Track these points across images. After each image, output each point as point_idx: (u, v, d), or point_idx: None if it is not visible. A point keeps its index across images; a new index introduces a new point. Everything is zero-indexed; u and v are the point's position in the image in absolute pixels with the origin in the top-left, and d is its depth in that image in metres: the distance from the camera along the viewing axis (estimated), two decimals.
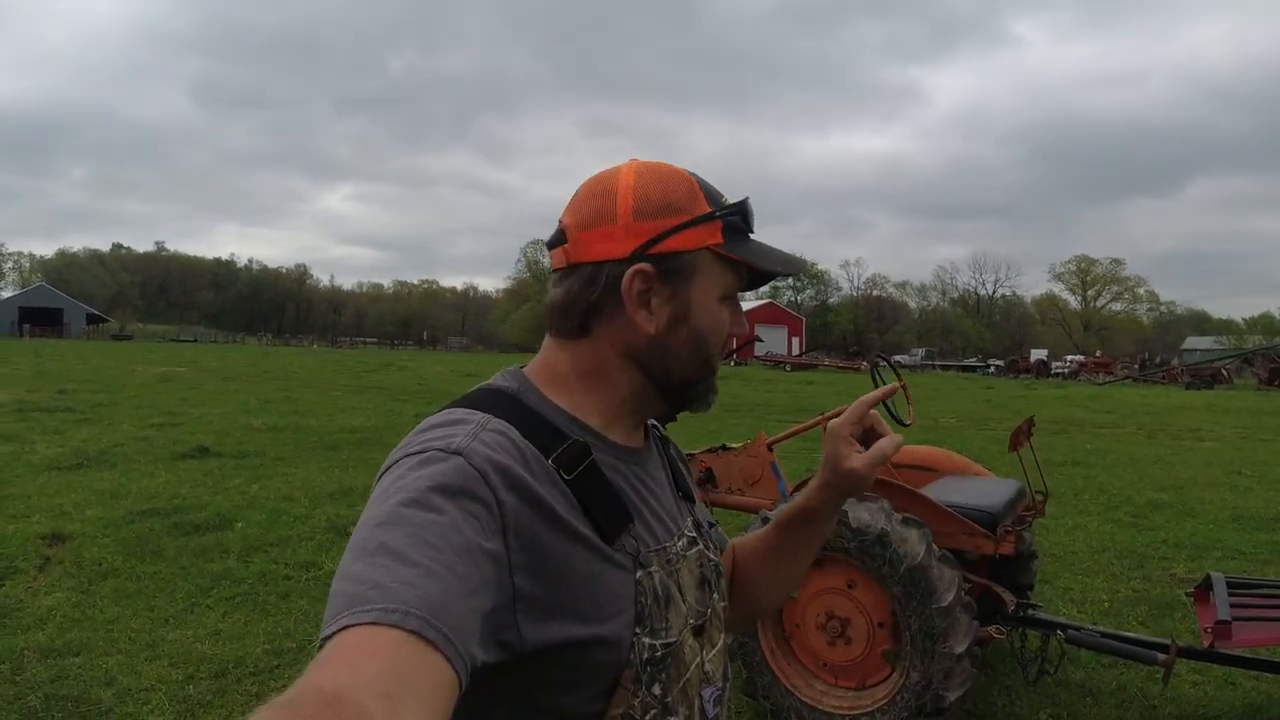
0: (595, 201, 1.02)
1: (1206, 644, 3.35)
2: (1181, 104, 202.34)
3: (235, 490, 8.42)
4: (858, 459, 1.16)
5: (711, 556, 1.13)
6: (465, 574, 0.76)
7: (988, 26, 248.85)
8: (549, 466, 0.92)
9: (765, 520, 3.68)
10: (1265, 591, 3.68)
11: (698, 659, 1.02)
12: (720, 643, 1.10)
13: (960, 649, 3.33)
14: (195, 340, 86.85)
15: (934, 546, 3.44)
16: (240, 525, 6.96)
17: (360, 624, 0.67)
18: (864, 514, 3.52)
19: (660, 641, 0.96)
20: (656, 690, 0.95)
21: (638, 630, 0.94)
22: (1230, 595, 3.47)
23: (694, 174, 1.07)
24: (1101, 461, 12.13)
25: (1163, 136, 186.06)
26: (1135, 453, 13.33)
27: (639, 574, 0.96)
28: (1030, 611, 4.09)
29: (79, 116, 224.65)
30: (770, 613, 1.31)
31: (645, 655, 0.94)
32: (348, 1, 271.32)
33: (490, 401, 0.98)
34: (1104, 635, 3.80)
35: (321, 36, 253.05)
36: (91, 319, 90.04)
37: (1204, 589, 3.72)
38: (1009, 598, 3.96)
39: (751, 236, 1.08)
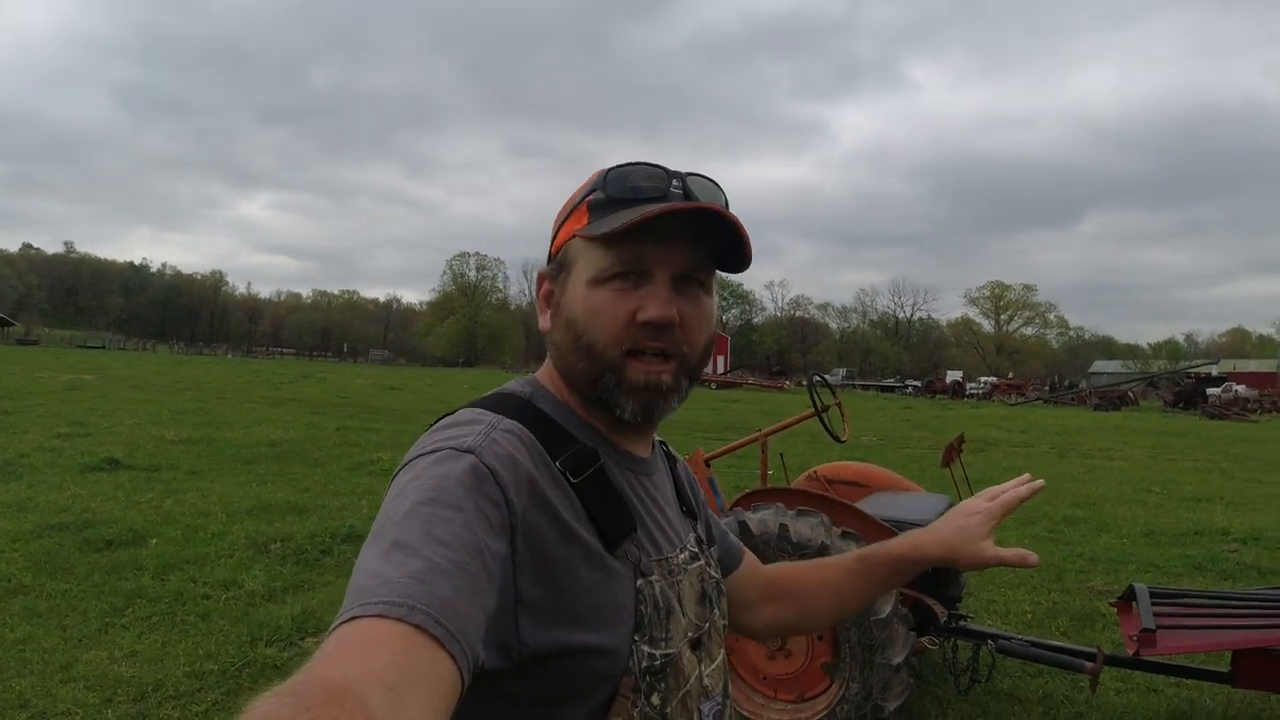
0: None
1: (1131, 652, 3.45)
2: (1072, 145, 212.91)
3: (148, 505, 8.09)
4: (994, 549, 1.18)
5: (713, 573, 1.12)
6: (475, 573, 0.75)
7: (886, 69, 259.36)
8: (556, 469, 0.92)
9: None
10: (1186, 601, 3.81)
11: (696, 672, 1.01)
12: (720, 658, 1.09)
13: (898, 659, 3.38)
14: (104, 347, 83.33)
15: None
16: (155, 541, 6.68)
17: (367, 616, 0.67)
18: (804, 528, 3.55)
19: (660, 651, 0.94)
20: (655, 700, 0.94)
21: (637, 638, 0.92)
22: (1154, 605, 3.58)
23: (627, 165, 1.00)
24: (1017, 479, 12.47)
25: (1056, 174, 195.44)
26: (1049, 471, 13.76)
27: (640, 582, 0.95)
28: (961, 622, 4.17)
29: None
30: (817, 630, 1.34)
31: (644, 664, 0.92)
32: (274, 16, 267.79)
33: (503, 404, 0.99)
34: (1033, 644, 3.89)
35: (247, 48, 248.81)
36: None
37: (1127, 599, 3.83)
38: (940, 609, 4.03)
39: (638, 204, 0.96)
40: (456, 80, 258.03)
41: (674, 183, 0.98)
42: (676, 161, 1.05)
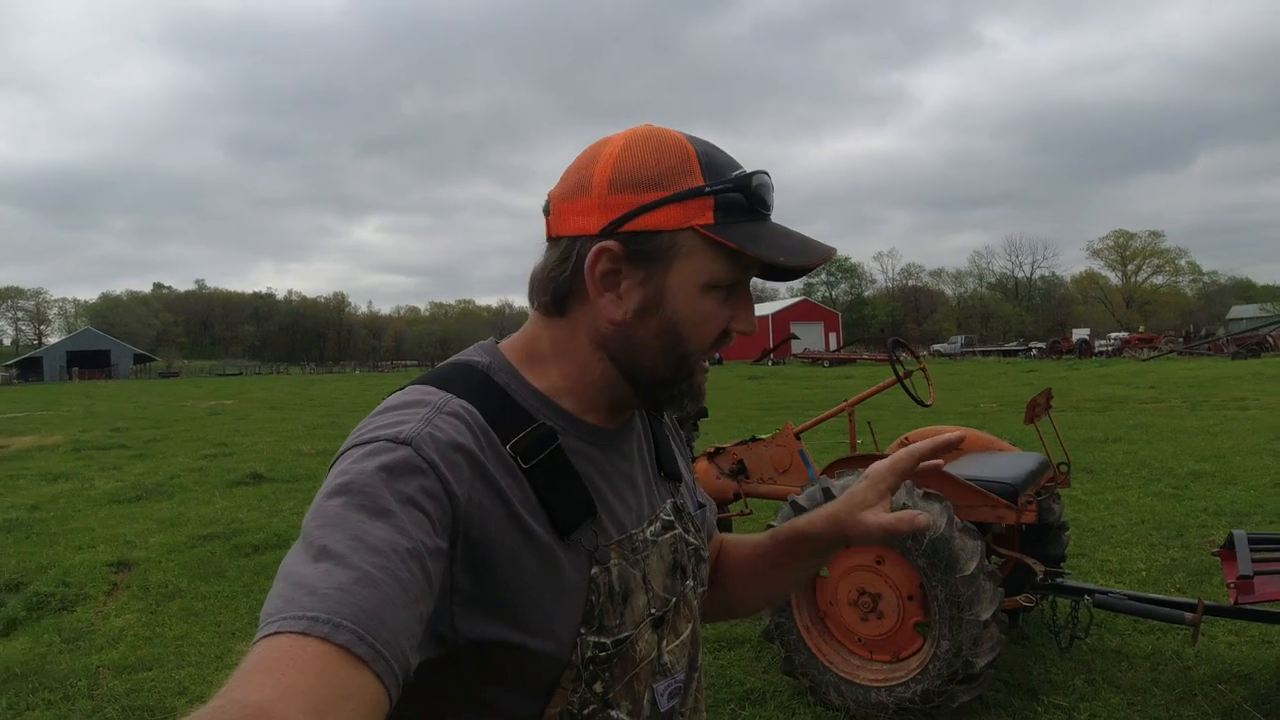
0: (578, 171, 0.93)
1: (1232, 600, 3.42)
2: (1167, 83, 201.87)
3: (290, 512, 8.71)
4: (877, 516, 1.04)
5: (691, 540, 1.06)
6: (408, 580, 0.71)
7: (960, 32, 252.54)
8: (507, 454, 0.86)
9: (794, 505, 3.83)
10: None
11: (654, 652, 0.97)
12: (686, 632, 1.03)
13: (986, 615, 3.43)
14: (240, 373, 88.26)
15: (955, 518, 3.55)
16: None
17: (290, 631, 0.64)
18: None
19: (610, 639, 0.91)
20: (598, 687, 0.90)
21: (583, 630, 0.89)
22: (1252, 551, 3.54)
23: (700, 143, 0.93)
24: (1143, 436, 12.06)
25: (1156, 115, 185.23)
26: (1178, 425, 13.21)
27: (594, 570, 0.90)
28: (1058, 579, 4.18)
29: (121, 174, 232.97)
30: (746, 615, 1.27)
31: (589, 654, 0.89)
32: (360, 54, 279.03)
33: (457, 378, 0.92)
34: (1130, 598, 3.87)
35: (339, 87, 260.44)
36: (138, 359, 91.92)
37: (1229, 547, 3.78)
38: (1039, 567, 4.05)
39: (766, 220, 0.92)
40: (535, 93, 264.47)
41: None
42: (758, 145, 1.01)
